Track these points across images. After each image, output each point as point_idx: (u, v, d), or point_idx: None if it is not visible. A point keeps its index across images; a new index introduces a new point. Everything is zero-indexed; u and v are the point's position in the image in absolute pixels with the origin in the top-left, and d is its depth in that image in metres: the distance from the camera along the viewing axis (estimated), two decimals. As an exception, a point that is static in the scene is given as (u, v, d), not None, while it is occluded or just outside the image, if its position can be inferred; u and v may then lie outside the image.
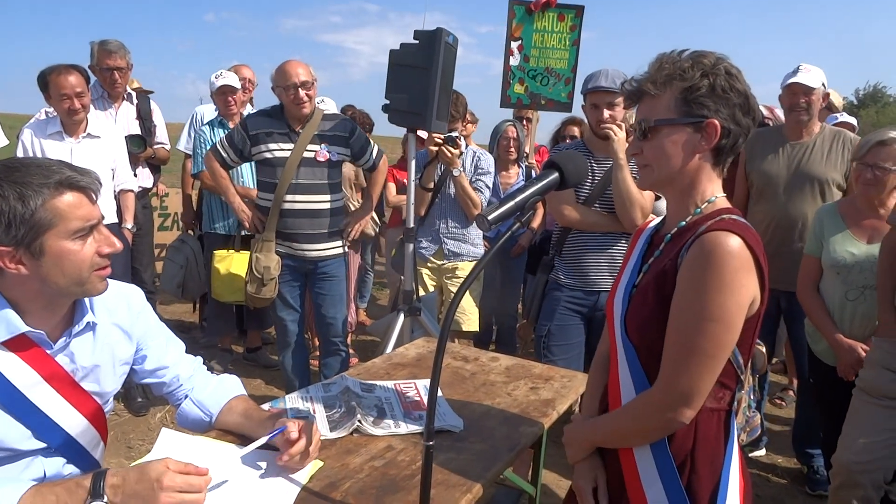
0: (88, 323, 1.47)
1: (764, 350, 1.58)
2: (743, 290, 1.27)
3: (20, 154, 3.52)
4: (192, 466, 1.28)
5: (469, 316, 3.76)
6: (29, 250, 1.30)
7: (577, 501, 1.54)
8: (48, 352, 1.41)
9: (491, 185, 3.80)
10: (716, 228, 1.28)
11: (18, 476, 1.37)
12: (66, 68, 3.45)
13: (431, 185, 3.70)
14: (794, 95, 3.36)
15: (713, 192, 1.39)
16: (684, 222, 1.39)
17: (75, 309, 1.47)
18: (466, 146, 3.82)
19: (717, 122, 1.31)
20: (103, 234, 1.39)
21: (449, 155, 3.45)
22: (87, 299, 1.47)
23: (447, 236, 3.75)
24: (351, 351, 4.18)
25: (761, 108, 2.84)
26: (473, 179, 3.70)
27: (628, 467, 1.42)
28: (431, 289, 3.82)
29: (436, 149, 3.46)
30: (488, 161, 3.80)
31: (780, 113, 4.35)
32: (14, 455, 1.39)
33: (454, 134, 3.50)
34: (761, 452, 3.64)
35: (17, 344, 1.36)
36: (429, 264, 3.80)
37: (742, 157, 3.54)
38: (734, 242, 1.26)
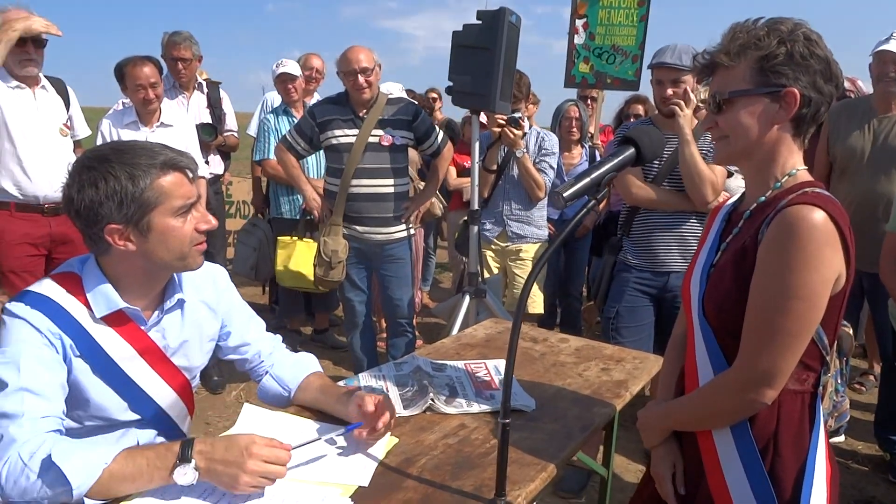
0: (179, 300, 1.54)
1: (850, 331, 1.52)
2: (827, 265, 1.22)
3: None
4: (277, 441, 1.32)
5: (533, 298, 3.75)
6: (137, 227, 1.37)
7: (653, 486, 1.52)
8: (142, 327, 1.48)
9: (555, 166, 3.76)
10: (798, 202, 1.23)
11: (115, 443, 1.45)
12: (140, 60, 3.57)
13: (495, 167, 3.68)
14: (884, 64, 3.16)
15: (794, 164, 1.33)
16: (764, 197, 1.34)
17: (167, 286, 1.54)
18: (530, 127, 3.78)
19: (796, 90, 1.25)
20: (200, 211, 1.46)
21: (512, 136, 3.42)
22: (176, 276, 1.54)
23: (511, 218, 3.73)
24: (416, 333, 4.23)
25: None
26: (537, 160, 3.67)
27: (707, 451, 1.38)
28: (496, 271, 3.83)
29: (499, 130, 3.45)
30: (552, 141, 3.75)
31: (862, 84, 4.12)
32: (111, 425, 1.48)
33: (517, 115, 3.47)
34: (840, 439, 3.50)
35: (115, 319, 1.44)
36: (492, 246, 3.80)
37: (825, 131, 3.37)
38: (818, 216, 1.20)
